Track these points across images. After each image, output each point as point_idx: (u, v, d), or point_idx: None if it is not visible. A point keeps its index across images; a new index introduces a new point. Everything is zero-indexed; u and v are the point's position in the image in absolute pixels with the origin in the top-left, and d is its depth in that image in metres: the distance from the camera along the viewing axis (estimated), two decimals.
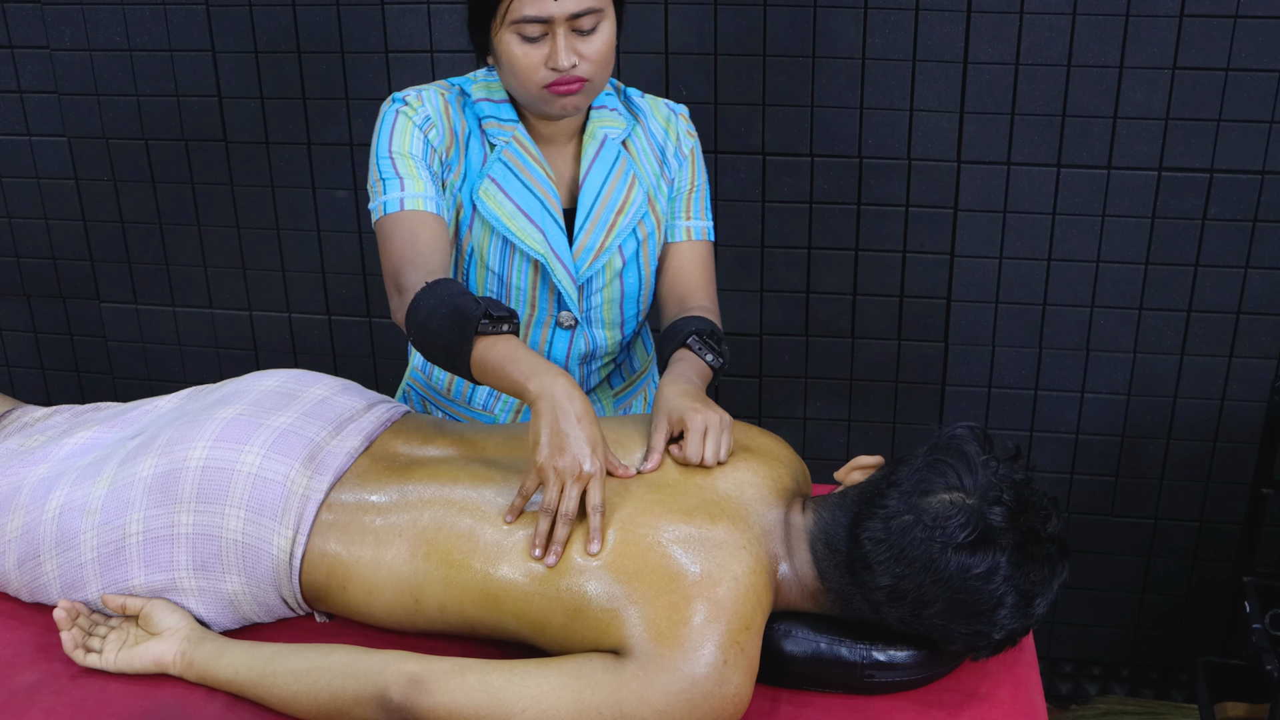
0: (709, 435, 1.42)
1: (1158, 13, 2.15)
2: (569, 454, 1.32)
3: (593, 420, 1.34)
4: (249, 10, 2.44)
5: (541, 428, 1.33)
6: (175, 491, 1.43)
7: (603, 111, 1.66)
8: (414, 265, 1.49)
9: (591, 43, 1.51)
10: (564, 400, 1.33)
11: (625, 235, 1.66)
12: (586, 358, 1.74)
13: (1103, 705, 2.62)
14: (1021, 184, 2.30)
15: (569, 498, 1.31)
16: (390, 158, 1.56)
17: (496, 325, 1.39)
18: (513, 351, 1.38)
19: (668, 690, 1.24)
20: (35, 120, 2.63)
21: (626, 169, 1.66)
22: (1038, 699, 1.39)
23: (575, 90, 1.53)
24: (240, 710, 1.35)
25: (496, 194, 1.60)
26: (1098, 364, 2.39)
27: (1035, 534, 1.29)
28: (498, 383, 1.39)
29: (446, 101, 1.61)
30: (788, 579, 1.37)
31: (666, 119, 1.72)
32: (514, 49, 1.51)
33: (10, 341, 2.88)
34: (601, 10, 1.50)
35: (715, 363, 1.60)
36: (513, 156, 1.61)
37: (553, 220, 1.62)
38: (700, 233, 1.74)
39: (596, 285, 1.68)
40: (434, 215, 1.55)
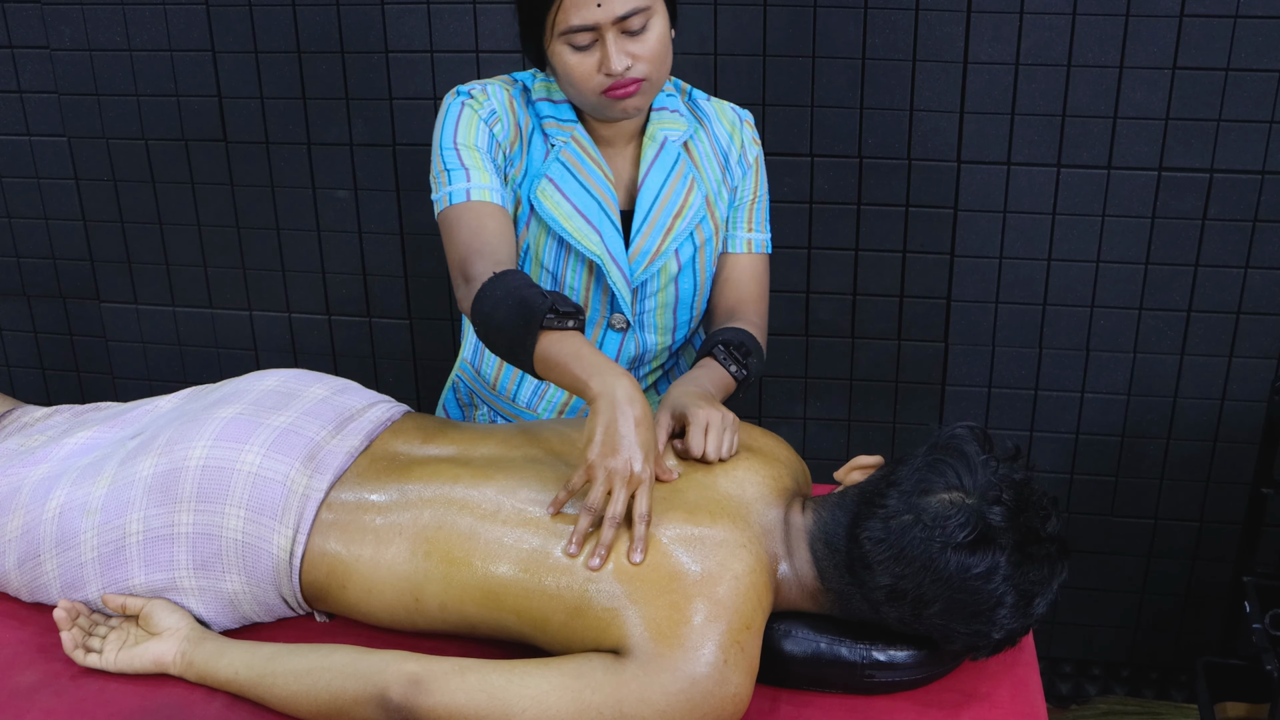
0: (710, 430, 1.42)
1: (1158, 13, 2.15)
2: (622, 456, 1.30)
3: (650, 425, 1.33)
4: (249, 10, 2.44)
5: (597, 426, 1.32)
6: (175, 491, 1.43)
7: (663, 113, 1.64)
8: (481, 255, 1.48)
9: (643, 42, 1.49)
10: (624, 402, 1.31)
11: (682, 239, 1.65)
12: (636, 361, 1.72)
13: (1103, 705, 2.62)
14: (1021, 184, 2.30)
15: (617, 499, 1.30)
16: (455, 149, 1.55)
17: (562, 320, 1.38)
18: (577, 348, 1.36)
19: (668, 690, 1.24)
20: (35, 120, 2.63)
21: (686, 172, 1.64)
22: (1038, 699, 1.39)
23: (633, 92, 1.51)
24: (240, 710, 1.35)
25: (554, 194, 1.59)
26: (1098, 364, 2.39)
27: (1035, 534, 1.30)
28: (559, 378, 1.37)
29: (511, 96, 1.60)
30: (788, 579, 1.38)
31: (732, 124, 1.70)
32: (567, 59, 1.50)
33: (10, 341, 2.88)
34: (649, 8, 1.48)
35: (738, 374, 1.58)
36: (571, 157, 1.60)
37: (609, 221, 1.61)
38: (760, 245, 1.73)
39: (651, 289, 1.66)
40: (499, 207, 1.54)
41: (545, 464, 1.45)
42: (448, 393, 1.88)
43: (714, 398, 1.51)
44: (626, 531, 1.32)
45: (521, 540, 1.35)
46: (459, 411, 1.87)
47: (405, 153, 2.49)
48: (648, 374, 1.77)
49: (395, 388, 2.66)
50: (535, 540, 1.34)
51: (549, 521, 1.35)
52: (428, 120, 2.45)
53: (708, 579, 1.29)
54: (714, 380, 1.55)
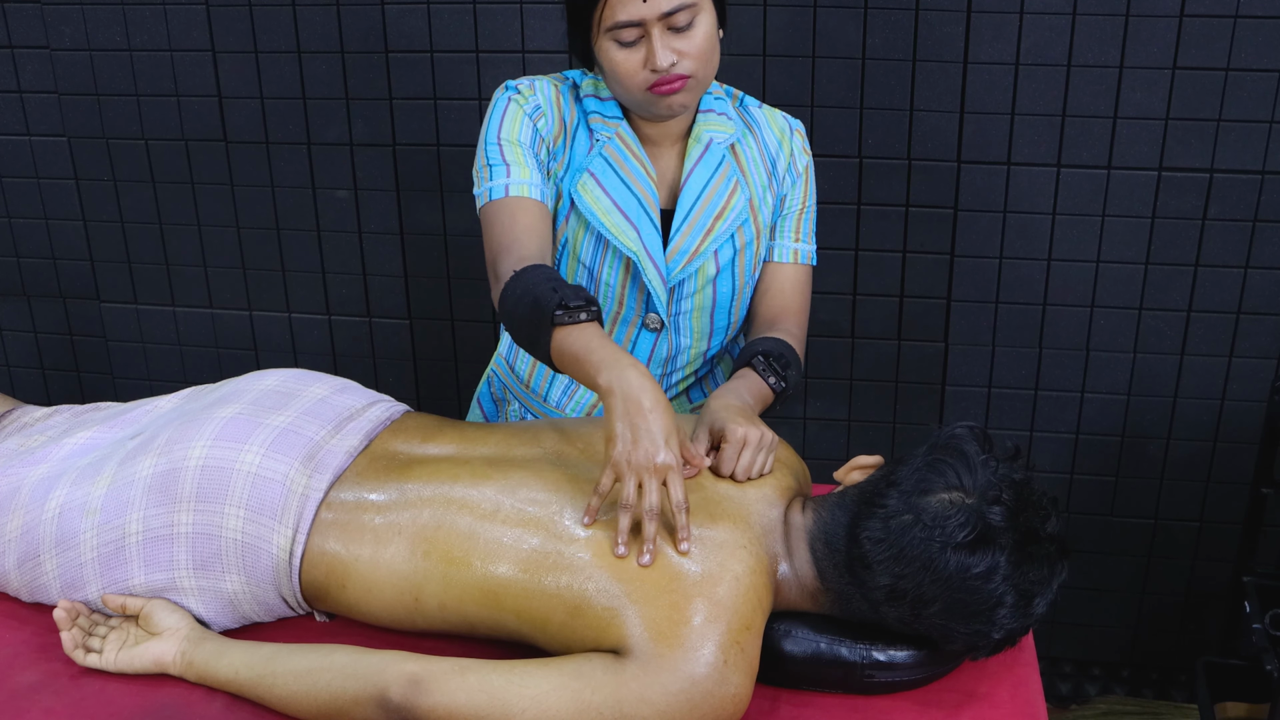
0: (745, 450, 1.41)
1: (1158, 13, 2.15)
2: (643, 447, 1.29)
3: (665, 409, 1.31)
4: (249, 10, 2.44)
5: (614, 422, 1.30)
6: (175, 491, 1.43)
7: (710, 115, 1.64)
8: (509, 252, 1.48)
9: (689, 38, 1.48)
10: (635, 391, 1.30)
11: (722, 241, 1.63)
12: (668, 365, 1.71)
13: (1103, 705, 2.62)
14: (1021, 184, 2.30)
15: (650, 492, 1.29)
16: (499, 144, 1.55)
17: (573, 315, 1.36)
18: (587, 342, 1.35)
19: (668, 690, 1.24)
20: (35, 120, 2.63)
21: (730, 174, 1.63)
22: (1038, 699, 1.39)
23: (679, 88, 1.50)
24: (240, 710, 1.35)
25: (594, 188, 1.59)
26: (1098, 364, 2.39)
27: (1034, 533, 1.30)
28: (575, 373, 1.37)
29: (559, 91, 1.60)
30: (787, 579, 1.38)
31: (782, 131, 1.69)
32: (613, 55, 1.49)
33: (10, 341, 2.88)
34: (696, 4, 1.47)
35: (776, 386, 1.57)
36: (614, 153, 1.59)
37: (649, 219, 1.60)
38: (806, 256, 1.72)
39: (688, 290, 1.65)
40: (536, 202, 1.53)
41: (545, 463, 1.45)
42: (483, 386, 1.88)
43: (753, 412, 1.50)
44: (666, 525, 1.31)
45: (521, 540, 1.35)
46: (492, 405, 1.87)
47: (405, 153, 2.49)
48: (680, 380, 1.76)
49: (395, 388, 2.66)
50: (534, 540, 1.34)
51: (548, 521, 1.35)
52: (428, 120, 2.45)
53: (707, 579, 1.29)
54: (752, 391, 1.54)
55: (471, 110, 2.43)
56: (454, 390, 2.67)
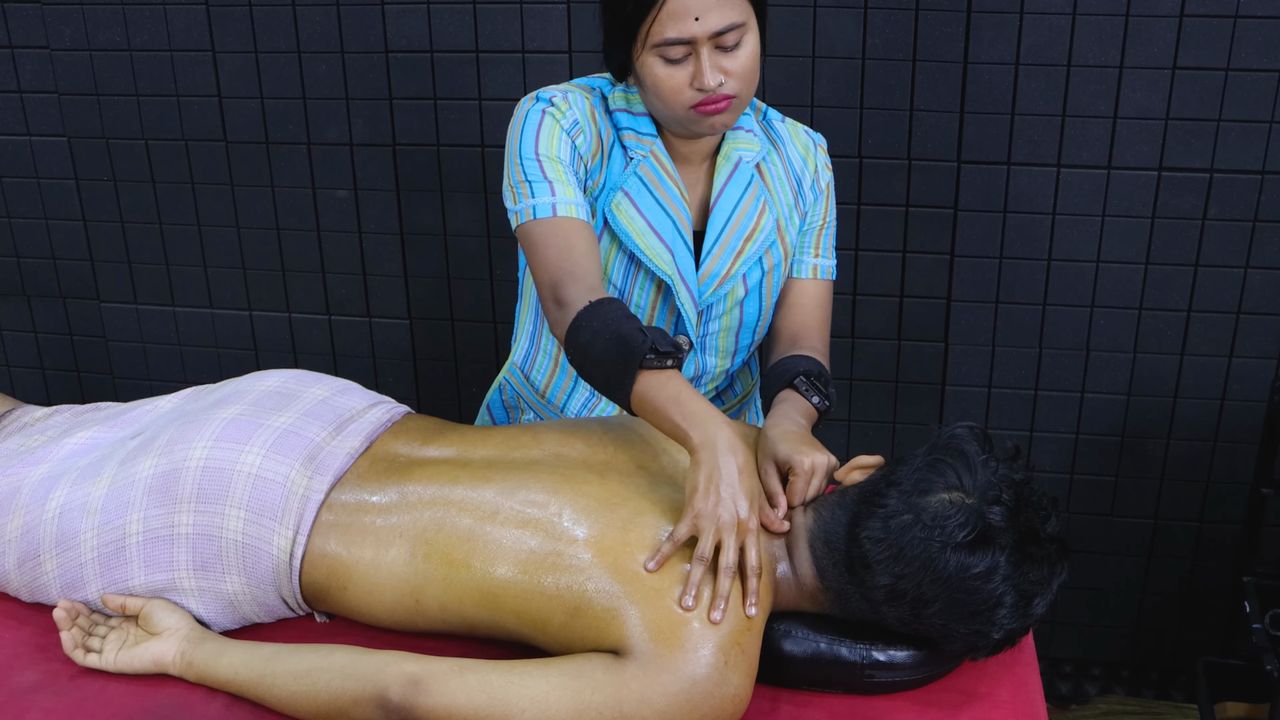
0: (815, 477, 1.41)
1: (1158, 13, 2.15)
2: (727, 506, 1.29)
3: (753, 473, 1.33)
4: (249, 10, 2.44)
5: (700, 477, 1.30)
6: (175, 491, 1.43)
7: (739, 132, 1.61)
8: (575, 279, 1.44)
9: (736, 58, 1.45)
10: (727, 451, 1.30)
11: (751, 263, 1.62)
12: (693, 382, 1.70)
13: (1103, 705, 2.62)
14: (1021, 184, 2.30)
15: (729, 550, 1.28)
16: (537, 160, 1.50)
17: (662, 360, 1.35)
18: (677, 392, 1.34)
19: (668, 690, 1.24)
20: (35, 120, 2.63)
21: (759, 194, 1.61)
22: (1038, 699, 1.39)
23: (724, 108, 1.47)
24: (240, 710, 1.35)
25: (629, 209, 1.56)
26: (1098, 364, 2.39)
27: (1034, 534, 1.30)
28: (658, 421, 1.36)
29: (592, 106, 1.56)
30: (787, 578, 1.38)
31: (806, 148, 1.67)
32: (658, 71, 1.46)
33: (10, 341, 2.88)
34: (744, 24, 1.44)
35: (821, 405, 1.56)
36: (649, 172, 1.56)
37: (683, 241, 1.57)
38: (825, 272, 1.70)
39: (716, 312, 1.64)
40: (586, 224, 1.49)
41: (545, 465, 1.45)
42: (494, 394, 1.85)
43: (813, 439, 1.48)
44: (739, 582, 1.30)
45: (520, 541, 1.34)
46: (504, 413, 1.85)
47: (405, 153, 2.49)
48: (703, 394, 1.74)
49: (395, 388, 2.66)
50: (534, 541, 1.34)
51: (547, 522, 1.35)
52: (428, 120, 2.45)
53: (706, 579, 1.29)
54: (803, 414, 1.53)
55: (471, 110, 2.43)
56: (454, 390, 2.67)
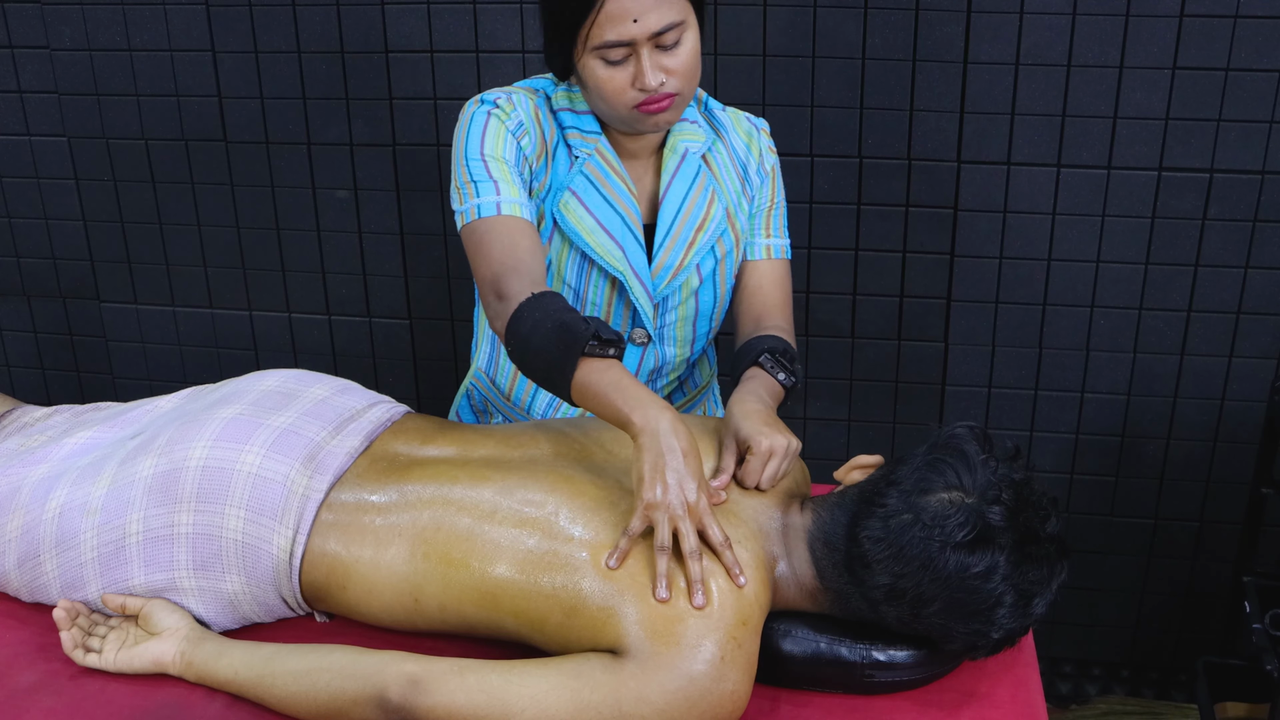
0: (772, 459, 1.41)
1: (1158, 13, 2.15)
2: (674, 492, 1.29)
3: (697, 454, 1.32)
4: (249, 10, 2.44)
5: (645, 464, 1.30)
6: (175, 491, 1.43)
7: (683, 124, 1.62)
8: (516, 273, 1.44)
9: (677, 56, 1.46)
10: (669, 435, 1.30)
11: (704, 253, 1.63)
12: (654, 374, 1.71)
13: (1103, 705, 2.62)
14: (1021, 184, 2.30)
15: (688, 535, 1.28)
16: (483, 160, 1.51)
17: (604, 348, 1.36)
18: (618, 379, 1.34)
19: (666, 688, 1.24)
20: (35, 120, 2.63)
21: (707, 184, 1.63)
22: (1038, 699, 1.39)
23: (666, 106, 1.49)
24: (240, 710, 1.35)
25: (577, 208, 1.57)
26: (1098, 364, 2.39)
27: (1034, 533, 1.30)
28: (597, 408, 1.36)
29: (536, 107, 1.56)
30: (786, 578, 1.38)
31: (749, 134, 1.68)
32: (599, 73, 1.47)
33: (10, 341, 2.88)
34: (683, 22, 1.45)
35: (787, 381, 1.57)
36: (594, 170, 1.57)
37: (633, 237, 1.59)
38: (779, 251, 1.72)
39: (672, 303, 1.65)
40: (529, 223, 1.50)
41: (543, 464, 1.45)
42: (461, 400, 1.86)
43: (777, 419, 1.49)
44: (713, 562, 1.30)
45: (518, 540, 1.34)
46: (472, 417, 1.85)
47: (405, 153, 2.49)
48: (664, 385, 1.76)
49: (395, 388, 2.66)
50: (531, 540, 1.34)
51: (545, 521, 1.35)
52: (428, 120, 2.45)
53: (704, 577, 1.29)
54: (768, 391, 1.54)
55: None
56: (454, 390, 2.67)
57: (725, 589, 1.28)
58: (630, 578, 1.29)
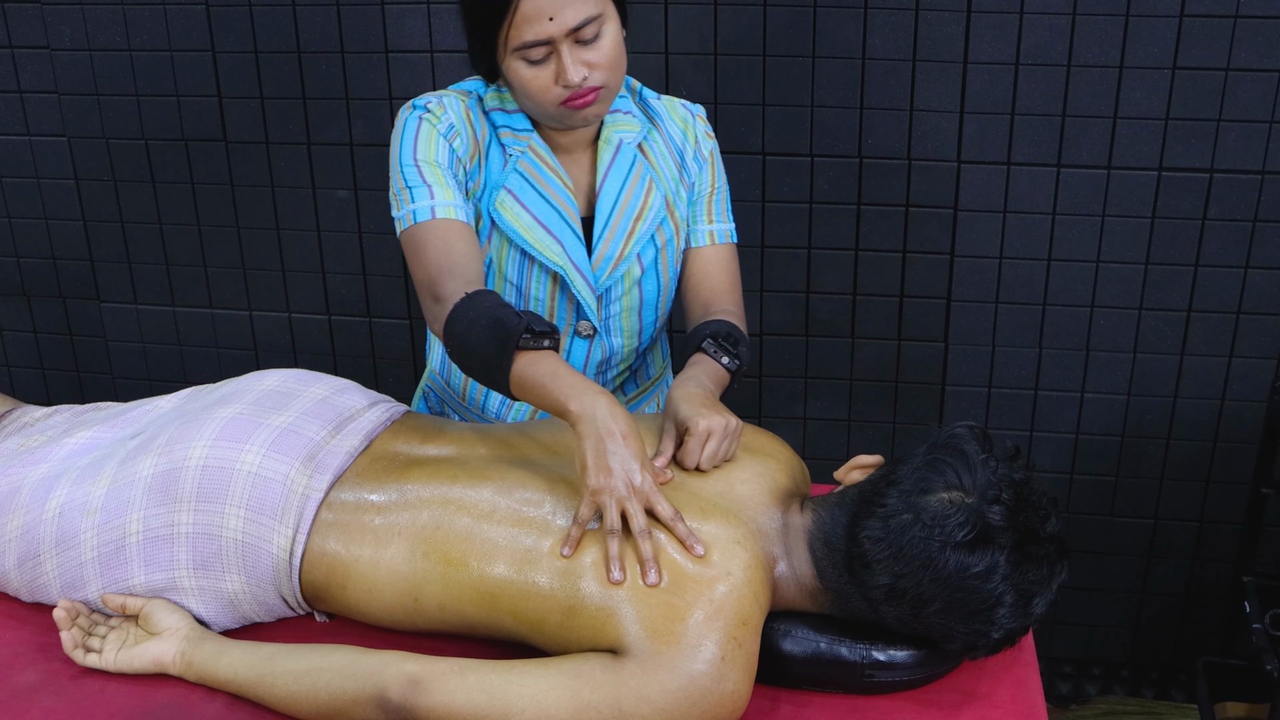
0: (710, 440, 1.41)
1: (1158, 13, 2.15)
2: (619, 474, 1.30)
3: (637, 436, 1.33)
4: (249, 10, 2.44)
5: (586, 450, 1.31)
6: (175, 491, 1.43)
7: (617, 115, 1.63)
8: (451, 275, 1.46)
9: (598, 49, 1.48)
10: (607, 419, 1.31)
11: (644, 242, 1.64)
12: (603, 365, 1.72)
13: (1103, 705, 2.62)
14: (1021, 184, 2.30)
15: (636, 516, 1.29)
16: (416, 165, 1.53)
17: (538, 340, 1.38)
18: (553, 369, 1.36)
19: (666, 688, 1.24)
20: (35, 120, 2.63)
21: (643, 174, 1.64)
22: (1038, 699, 1.39)
23: (592, 100, 1.50)
24: (240, 710, 1.35)
25: (513, 206, 1.58)
26: (1098, 364, 2.39)
27: (1034, 533, 1.30)
28: (536, 400, 1.37)
29: (468, 108, 1.58)
30: (786, 578, 1.38)
31: (684, 120, 1.69)
32: (522, 73, 1.48)
33: (10, 341, 2.88)
34: (600, 15, 1.47)
35: (731, 365, 1.58)
36: (528, 167, 1.59)
37: (571, 231, 1.60)
38: (723, 236, 1.72)
39: (615, 294, 1.66)
40: (465, 224, 1.52)
41: (542, 464, 1.45)
42: (419, 402, 1.87)
43: (717, 400, 1.50)
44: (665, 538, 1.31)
45: (516, 540, 1.34)
46: None
47: None
48: (615, 376, 1.77)
49: (395, 388, 2.66)
50: (530, 540, 1.34)
51: (543, 521, 1.35)
52: None
53: (704, 576, 1.29)
54: (710, 376, 1.54)
55: None
56: None
57: (726, 590, 1.28)
58: (630, 577, 1.29)
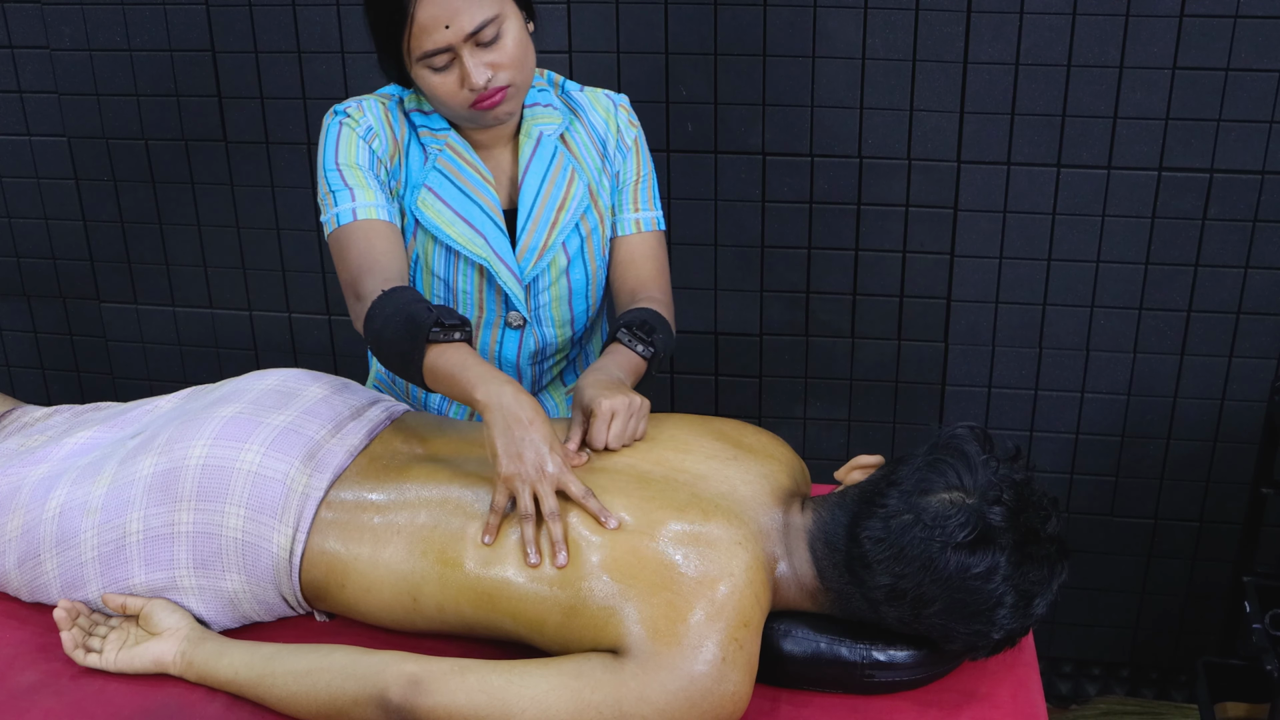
0: (615, 420, 1.44)
1: (1158, 13, 2.15)
2: (529, 461, 1.33)
3: (544, 420, 1.36)
4: (249, 10, 2.44)
5: (495, 438, 1.35)
6: (175, 490, 1.43)
7: (537, 109, 1.66)
8: (371, 273, 1.50)
9: (500, 50, 1.51)
10: (513, 406, 1.35)
11: (568, 232, 1.66)
12: (538, 356, 1.74)
13: (1103, 705, 2.62)
14: (1021, 184, 2.30)
15: (547, 500, 1.32)
16: (338, 169, 1.57)
17: (449, 333, 1.41)
18: (463, 359, 1.40)
19: (667, 688, 1.24)
20: (35, 120, 2.63)
21: (565, 164, 1.66)
22: (1038, 699, 1.39)
23: (500, 100, 1.53)
24: (240, 710, 1.35)
25: (435, 203, 1.61)
26: (1098, 364, 2.39)
27: (1035, 534, 1.30)
28: (448, 390, 1.41)
29: (387, 110, 1.62)
30: (786, 578, 1.38)
31: (607, 110, 1.71)
32: (429, 80, 1.52)
33: (10, 341, 2.88)
34: (497, 16, 1.49)
35: (645, 353, 1.59)
36: (447, 164, 1.62)
37: (493, 224, 1.62)
38: (650, 224, 1.74)
39: (543, 284, 1.68)
40: (387, 223, 1.56)
41: None
42: None
43: (622, 384, 1.52)
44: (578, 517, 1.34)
45: (514, 541, 1.34)
46: None
47: None
48: (552, 366, 1.79)
49: None
50: None
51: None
52: None
53: (705, 577, 1.29)
54: (621, 364, 1.56)
55: None
56: None
57: (727, 591, 1.28)
58: (632, 578, 1.29)
